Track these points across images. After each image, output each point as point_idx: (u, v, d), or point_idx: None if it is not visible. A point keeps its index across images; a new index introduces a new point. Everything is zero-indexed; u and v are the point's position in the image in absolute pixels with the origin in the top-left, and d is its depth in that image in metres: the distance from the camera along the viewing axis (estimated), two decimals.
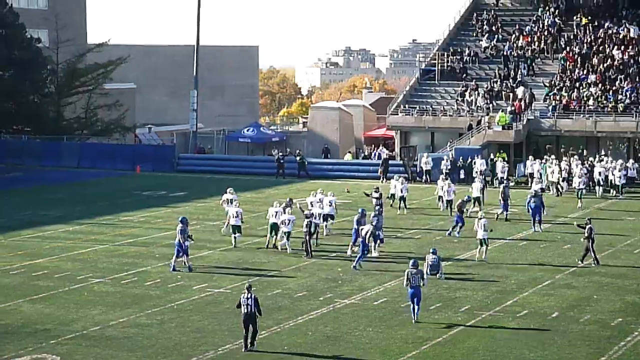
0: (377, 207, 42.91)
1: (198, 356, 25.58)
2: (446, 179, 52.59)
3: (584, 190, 53.35)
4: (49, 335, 27.36)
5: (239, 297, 26.61)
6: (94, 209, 52.72)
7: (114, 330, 27.89)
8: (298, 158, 66.89)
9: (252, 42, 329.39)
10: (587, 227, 36.83)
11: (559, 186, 56.87)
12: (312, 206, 42.90)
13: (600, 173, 56.76)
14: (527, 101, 70.51)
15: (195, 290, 32.89)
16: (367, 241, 36.71)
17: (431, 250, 34.72)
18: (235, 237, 40.49)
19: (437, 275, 33.92)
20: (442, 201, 49.98)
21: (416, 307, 28.84)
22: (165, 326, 28.34)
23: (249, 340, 25.99)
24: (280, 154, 69.46)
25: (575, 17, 78.85)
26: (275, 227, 39.95)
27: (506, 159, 64.03)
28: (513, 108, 68.88)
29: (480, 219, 38.07)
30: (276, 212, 39.77)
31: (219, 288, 33.16)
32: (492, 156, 63.90)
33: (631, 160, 60.65)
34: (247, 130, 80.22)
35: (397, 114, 73.32)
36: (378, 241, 38.50)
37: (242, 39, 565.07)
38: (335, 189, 51.55)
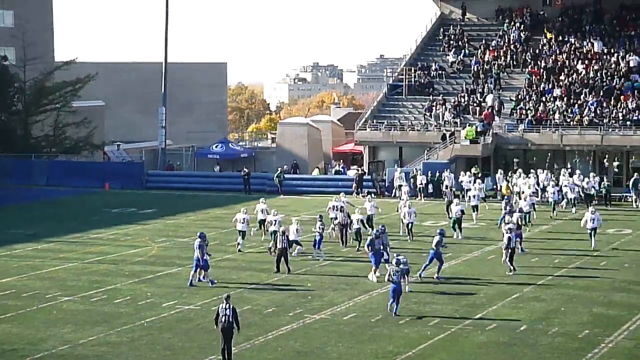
0: (380, 226, 40.40)
1: None
2: (405, 202, 48.73)
3: (558, 202, 54.58)
4: (17, 356, 27.18)
5: (215, 310, 26.65)
6: (63, 226, 52.56)
7: (84, 349, 27.78)
8: (276, 175, 66.74)
9: (221, 59, 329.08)
10: (506, 235, 37.97)
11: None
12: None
13: (566, 186, 57.27)
14: (496, 108, 71.18)
15: (166, 307, 32.85)
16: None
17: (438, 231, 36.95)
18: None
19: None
20: (402, 224, 47.28)
21: (395, 303, 30.97)
22: (135, 344, 28.28)
23: (226, 353, 25.99)
24: (246, 169, 69.58)
25: (540, 32, 79.60)
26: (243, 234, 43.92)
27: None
28: (482, 118, 69.33)
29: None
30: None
31: (189, 305, 33.14)
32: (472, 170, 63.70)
33: (592, 174, 60.80)
34: (216, 147, 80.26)
35: (365, 129, 73.59)
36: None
37: (210, 55, 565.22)
38: (306, 204, 51.71)
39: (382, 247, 37.34)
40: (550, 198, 54.52)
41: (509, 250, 38.05)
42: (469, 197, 53.60)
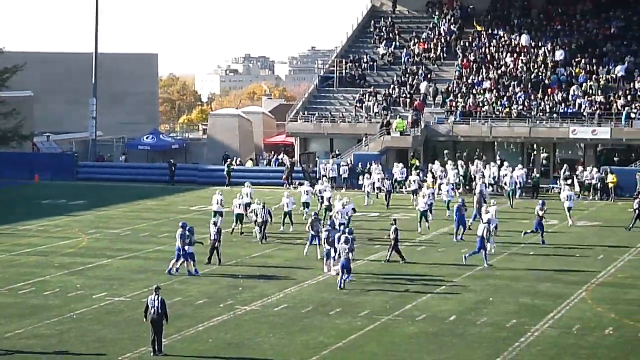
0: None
1: None
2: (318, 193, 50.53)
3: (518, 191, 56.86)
4: None
5: (143, 302, 26.61)
6: None
7: (11, 342, 27.47)
8: (226, 165, 66.55)
9: (152, 50, 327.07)
10: (393, 227, 38.71)
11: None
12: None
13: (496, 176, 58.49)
14: (431, 95, 71.90)
15: (96, 299, 32.68)
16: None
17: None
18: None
19: None
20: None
21: (345, 276, 33.56)
22: (64, 336, 28.10)
23: (156, 344, 26.03)
24: (172, 160, 69.50)
25: (470, 25, 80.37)
26: (240, 217, 45.09)
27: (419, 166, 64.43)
28: (415, 107, 69.94)
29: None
30: (240, 204, 45.11)
31: (119, 296, 33.01)
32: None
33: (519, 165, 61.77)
34: (147, 138, 79.86)
35: (297, 121, 73.71)
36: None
37: (141, 46, 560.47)
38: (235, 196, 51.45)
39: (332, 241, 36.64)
40: (508, 188, 56.03)
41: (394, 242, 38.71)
42: (409, 182, 55.41)
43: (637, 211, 46.31)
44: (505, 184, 57.30)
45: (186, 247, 36.20)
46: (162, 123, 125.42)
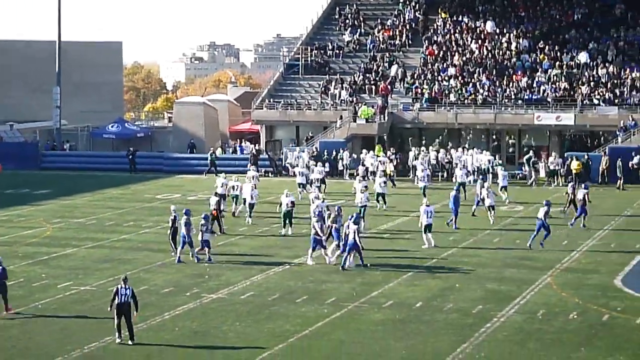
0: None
1: (63, 355, 25.23)
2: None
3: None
4: None
5: (109, 292, 26.46)
6: None
7: None
8: (210, 155, 66.25)
9: (116, 38, 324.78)
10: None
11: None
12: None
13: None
14: (399, 78, 72.06)
15: (61, 288, 32.49)
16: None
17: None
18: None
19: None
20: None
21: (350, 256, 34.84)
22: (28, 327, 27.88)
23: (122, 331, 26.02)
24: (131, 149, 69.29)
25: (435, 12, 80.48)
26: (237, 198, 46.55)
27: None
28: (381, 90, 70.12)
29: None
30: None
31: (84, 285, 32.84)
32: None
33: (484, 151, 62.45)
34: (112, 127, 79.47)
35: (262, 108, 73.54)
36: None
37: (105, 34, 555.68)
38: (202, 184, 51.56)
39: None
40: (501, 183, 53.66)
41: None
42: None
43: (570, 195, 46.66)
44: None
45: (191, 235, 36.48)
46: (127, 111, 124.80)
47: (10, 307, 29.25)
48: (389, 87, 71.54)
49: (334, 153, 62.84)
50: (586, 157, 59.88)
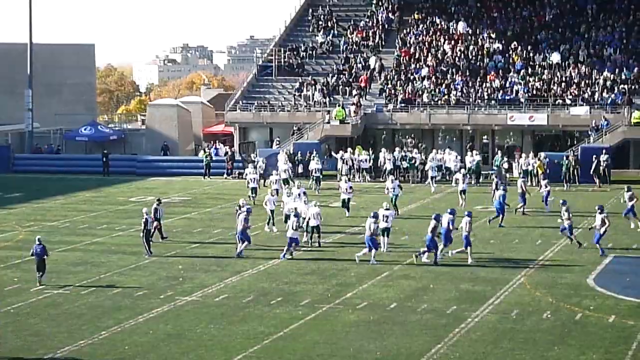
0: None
1: None
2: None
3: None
4: None
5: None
6: None
7: None
8: (206, 157, 65.89)
9: (88, 40, 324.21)
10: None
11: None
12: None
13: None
14: (378, 70, 72.19)
15: (33, 292, 32.30)
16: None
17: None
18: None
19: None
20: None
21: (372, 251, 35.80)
22: (1, 331, 27.71)
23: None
24: (105, 151, 69.08)
25: (408, 13, 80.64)
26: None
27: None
28: (359, 84, 70.40)
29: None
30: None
31: (57, 289, 32.66)
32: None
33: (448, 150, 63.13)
34: (85, 129, 79.12)
35: (236, 110, 73.44)
36: None
37: (77, 36, 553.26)
38: (175, 186, 51.37)
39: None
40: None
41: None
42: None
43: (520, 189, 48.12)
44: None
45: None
46: (100, 114, 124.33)
47: None
48: (368, 78, 71.95)
49: (308, 155, 62.70)
50: (543, 155, 59.95)
